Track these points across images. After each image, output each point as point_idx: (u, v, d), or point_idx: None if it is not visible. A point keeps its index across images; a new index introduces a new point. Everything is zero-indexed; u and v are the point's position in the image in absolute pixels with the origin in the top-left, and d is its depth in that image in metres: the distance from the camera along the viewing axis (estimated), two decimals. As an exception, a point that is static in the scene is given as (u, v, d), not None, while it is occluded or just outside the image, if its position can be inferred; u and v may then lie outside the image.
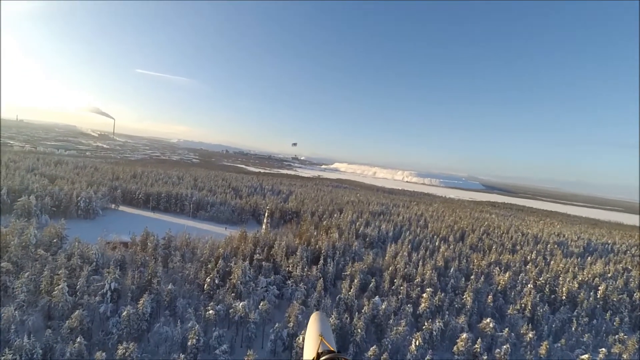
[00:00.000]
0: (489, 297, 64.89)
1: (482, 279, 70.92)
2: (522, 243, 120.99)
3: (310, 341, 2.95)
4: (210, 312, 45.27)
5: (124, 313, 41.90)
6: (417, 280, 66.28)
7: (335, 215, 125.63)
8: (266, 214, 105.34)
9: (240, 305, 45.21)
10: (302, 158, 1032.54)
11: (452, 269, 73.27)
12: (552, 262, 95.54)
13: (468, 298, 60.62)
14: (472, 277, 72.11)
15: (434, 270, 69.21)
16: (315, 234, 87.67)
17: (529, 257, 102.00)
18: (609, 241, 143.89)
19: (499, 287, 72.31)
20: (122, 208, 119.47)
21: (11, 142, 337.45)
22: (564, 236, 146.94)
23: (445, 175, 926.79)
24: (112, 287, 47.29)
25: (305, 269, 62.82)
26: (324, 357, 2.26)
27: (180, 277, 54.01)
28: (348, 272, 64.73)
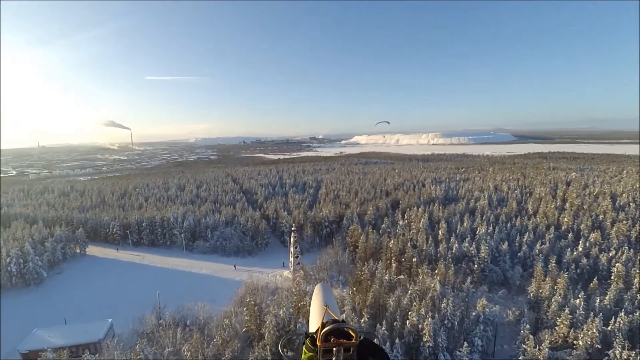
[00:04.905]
0: None
1: None
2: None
3: (315, 312, 2.97)
4: None
5: None
6: None
7: (394, 215, 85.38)
8: (292, 239, 66.11)
9: None
10: (319, 137, 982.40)
11: None
12: None
13: None
14: None
15: None
16: (385, 276, 47.81)
17: None
18: None
19: None
20: (91, 250, 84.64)
21: (29, 170, 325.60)
22: None
23: (473, 132, 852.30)
24: None
25: None
26: (328, 327, 2.28)
27: None
28: None
